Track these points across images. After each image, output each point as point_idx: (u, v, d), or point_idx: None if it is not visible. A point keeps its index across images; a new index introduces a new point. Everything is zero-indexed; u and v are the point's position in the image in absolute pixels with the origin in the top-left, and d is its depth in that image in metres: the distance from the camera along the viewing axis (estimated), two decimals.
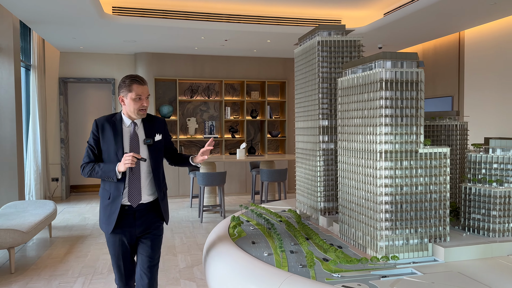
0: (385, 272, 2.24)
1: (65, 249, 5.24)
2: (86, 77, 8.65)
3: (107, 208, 2.58)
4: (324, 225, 3.19)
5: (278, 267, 2.30)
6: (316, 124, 3.23)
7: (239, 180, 8.95)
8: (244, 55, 8.94)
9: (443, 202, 2.49)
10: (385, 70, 2.37)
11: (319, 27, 3.19)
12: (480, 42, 6.95)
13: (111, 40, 7.51)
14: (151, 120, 2.70)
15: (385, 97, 2.37)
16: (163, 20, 6.50)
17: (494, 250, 2.45)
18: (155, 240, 2.65)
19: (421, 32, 7.15)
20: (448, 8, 5.74)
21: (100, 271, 4.47)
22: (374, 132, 2.43)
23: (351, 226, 2.72)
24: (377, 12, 7.02)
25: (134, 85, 2.52)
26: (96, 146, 2.60)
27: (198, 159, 2.75)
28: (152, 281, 2.62)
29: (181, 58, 8.70)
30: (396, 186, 2.41)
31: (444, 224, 2.49)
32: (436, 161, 2.46)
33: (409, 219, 2.44)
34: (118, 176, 2.48)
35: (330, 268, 2.26)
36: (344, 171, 2.79)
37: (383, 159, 2.38)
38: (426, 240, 2.47)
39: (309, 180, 3.39)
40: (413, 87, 2.41)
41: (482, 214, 2.64)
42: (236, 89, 9.24)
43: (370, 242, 2.50)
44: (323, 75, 3.18)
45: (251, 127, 9.34)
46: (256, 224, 3.27)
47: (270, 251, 2.59)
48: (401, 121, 2.40)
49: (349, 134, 2.72)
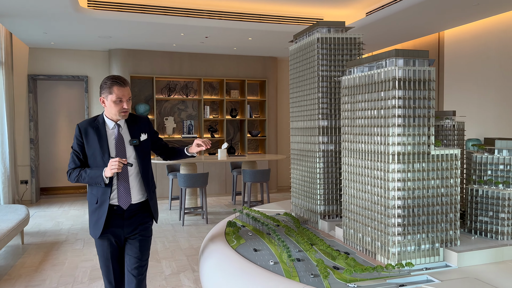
0: (400, 280, 2.14)
1: (39, 257, 4.92)
2: (57, 74, 8.23)
3: (94, 213, 2.54)
4: (324, 229, 3.07)
5: (289, 278, 2.16)
6: (315, 125, 3.11)
7: (218, 181, 8.76)
8: (224, 53, 8.74)
9: (454, 205, 2.41)
10: (398, 68, 2.26)
11: (319, 23, 3.06)
12: (460, 42, 7.03)
13: (85, 36, 7.16)
14: (135, 120, 2.64)
15: (398, 96, 2.27)
16: (142, 15, 6.23)
17: (505, 254, 2.39)
18: (143, 241, 2.60)
19: (402, 32, 7.18)
20: (431, 9, 5.75)
21: (80, 280, 4.20)
22: (386, 133, 2.32)
23: (358, 231, 2.61)
24: (359, 11, 6.99)
25: (114, 87, 2.46)
26: (80, 151, 2.54)
27: (194, 149, 2.73)
28: (140, 283, 2.55)
29: (158, 55, 8.42)
30: (408, 189, 2.31)
31: (454, 227, 2.42)
32: (447, 163, 2.38)
33: (421, 224, 2.35)
34: (105, 181, 2.44)
35: (344, 278, 2.14)
36: (350, 173, 2.68)
37: (396, 161, 2.28)
38: (437, 244, 2.38)
39: (307, 182, 3.26)
40: (425, 86, 2.32)
41: (490, 217, 2.59)
42: (215, 87, 9.04)
43: (381, 248, 2.40)
44: (323, 74, 3.06)
45: (230, 127, 9.16)
46: (253, 229, 3.12)
47: (275, 260, 2.44)
48: (413, 121, 2.31)
49: (355, 134, 2.60)
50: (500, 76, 6.31)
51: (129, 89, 2.52)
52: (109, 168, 2.37)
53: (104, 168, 2.42)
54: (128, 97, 2.50)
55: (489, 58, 6.48)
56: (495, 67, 6.39)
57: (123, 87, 2.47)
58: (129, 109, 2.53)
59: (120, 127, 2.55)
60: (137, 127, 2.60)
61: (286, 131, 9.69)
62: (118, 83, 2.45)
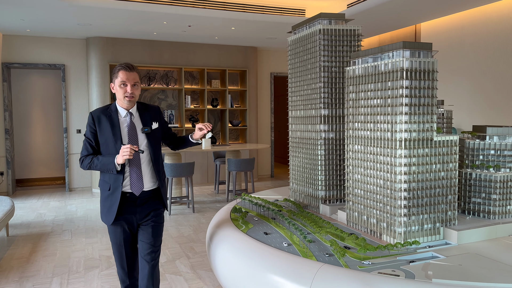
0: (409, 257, 2.30)
1: (28, 249, 4.85)
2: (33, 63, 7.98)
3: (107, 199, 2.58)
4: (326, 213, 3.21)
5: (305, 257, 2.29)
6: (317, 113, 3.23)
7: (200, 171, 8.80)
8: (205, 42, 8.72)
9: (453, 188, 2.60)
10: (405, 60, 2.41)
11: (320, 15, 3.17)
12: (435, 34, 7.33)
13: (64, 23, 6.98)
14: (146, 108, 2.70)
15: (405, 86, 2.41)
16: (125, 3, 6.13)
17: (498, 232, 2.61)
18: (156, 228, 2.65)
19: (381, 23, 7.40)
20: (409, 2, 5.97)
21: (76, 270, 4.19)
22: (393, 120, 2.47)
23: (362, 214, 2.77)
24: (341, 3, 7.14)
25: (120, 72, 2.52)
26: (93, 138, 2.58)
27: (197, 135, 2.84)
28: (153, 269, 2.61)
29: (138, 43, 8.31)
30: (413, 173, 2.47)
31: (453, 208, 2.61)
32: (447, 148, 2.56)
33: (424, 205, 2.52)
34: (117, 168, 2.49)
35: (358, 256, 2.28)
36: (354, 159, 2.82)
37: (403, 147, 2.43)
38: (438, 224, 2.57)
39: (308, 169, 3.39)
40: (429, 77, 2.48)
41: (483, 198, 2.80)
42: (195, 77, 9.02)
43: (387, 229, 2.56)
44: (324, 64, 3.17)
45: (211, 116, 9.18)
46: (257, 214, 3.22)
47: (287, 241, 2.56)
48: (419, 110, 2.46)
49: (360, 122, 2.74)
50: (473, 67, 6.65)
51: (136, 75, 2.54)
52: (120, 155, 2.41)
53: (116, 155, 2.46)
54: (134, 82, 2.51)
55: (463, 49, 6.80)
56: (469, 58, 6.72)
57: (128, 71, 2.50)
58: (135, 94, 2.54)
59: (132, 115, 2.59)
60: (148, 115, 2.65)
61: (266, 120, 9.81)
62: (124, 67, 2.51)
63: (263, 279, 2.27)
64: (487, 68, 6.43)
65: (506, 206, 2.76)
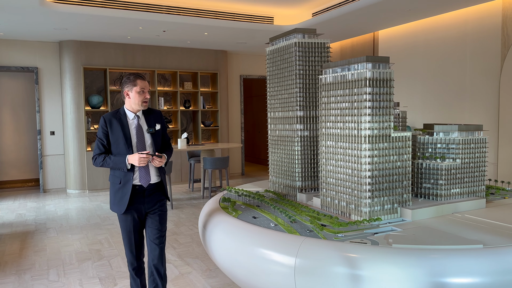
0: (373, 230, 2.84)
1: (17, 245, 5.08)
2: (5, 65, 8.06)
3: (118, 191, 2.97)
4: (302, 200, 3.72)
5: (290, 233, 2.77)
6: (293, 115, 3.74)
7: (174, 170, 9.13)
8: (177, 46, 9.07)
9: (407, 175, 3.17)
10: (368, 70, 2.94)
11: (295, 30, 3.67)
12: (391, 41, 8.05)
13: (39, 28, 7.15)
14: (150, 112, 3.13)
15: (368, 92, 2.95)
16: (103, 9, 6.42)
17: (444, 210, 3.20)
18: (162, 215, 3.09)
19: (343, 31, 8.04)
20: (368, 13, 6.62)
21: (69, 262, 4.49)
22: (359, 120, 3.00)
23: (334, 198, 3.29)
24: (306, 11, 7.73)
25: (138, 80, 2.95)
26: (105, 139, 2.98)
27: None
28: (162, 251, 3.05)
29: (111, 47, 8.55)
30: (375, 163, 3.01)
31: (407, 192, 3.18)
32: (402, 142, 3.12)
33: (384, 189, 3.07)
34: (128, 167, 2.90)
35: (332, 231, 2.80)
36: (326, 153, 3.34)
37: (367, 142, 2.97)
38: (396, 205, 3.13)
39: (286, 163, 3.89)
40: (387, 84, 3.03)
41: (431, 183, 3.39)
42: (168, 79, 9.34)
43: (355, 209, 3.09)
44: (300, 72, 3.68)
45: (183, 118, 9.53)
46: (243, 203, 3.69)
47: (274, 223, 3.04)
48: (379, 111, 3.01)
49: (331, 122, 3.26)
50: (424, 70, 7.40)
51: (148, 83, 3.02)
52: (137, 161, 2.80)
53: (127, 156, 2.86)
54: (148, 89, 3.02)
55: (416, 55, 7.55)
56: (421, 63, 7.47)
57: (144, 80, 2.97)
58: (149, 98, 3.05)
59: (139, 118, 3.01)
60: (152, 118, 3.07)
61: (236, 121, 10.26)
62: (140, 76, 2.96)
63: (256, 253, 2.74)
64: (437, 71, 7.20)
65: (450, 189, 3.36)
